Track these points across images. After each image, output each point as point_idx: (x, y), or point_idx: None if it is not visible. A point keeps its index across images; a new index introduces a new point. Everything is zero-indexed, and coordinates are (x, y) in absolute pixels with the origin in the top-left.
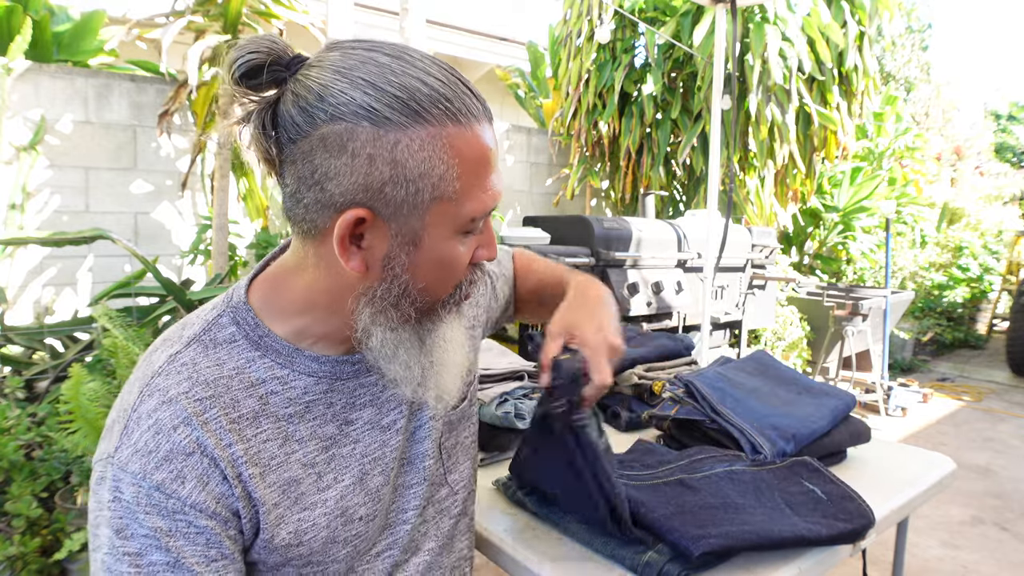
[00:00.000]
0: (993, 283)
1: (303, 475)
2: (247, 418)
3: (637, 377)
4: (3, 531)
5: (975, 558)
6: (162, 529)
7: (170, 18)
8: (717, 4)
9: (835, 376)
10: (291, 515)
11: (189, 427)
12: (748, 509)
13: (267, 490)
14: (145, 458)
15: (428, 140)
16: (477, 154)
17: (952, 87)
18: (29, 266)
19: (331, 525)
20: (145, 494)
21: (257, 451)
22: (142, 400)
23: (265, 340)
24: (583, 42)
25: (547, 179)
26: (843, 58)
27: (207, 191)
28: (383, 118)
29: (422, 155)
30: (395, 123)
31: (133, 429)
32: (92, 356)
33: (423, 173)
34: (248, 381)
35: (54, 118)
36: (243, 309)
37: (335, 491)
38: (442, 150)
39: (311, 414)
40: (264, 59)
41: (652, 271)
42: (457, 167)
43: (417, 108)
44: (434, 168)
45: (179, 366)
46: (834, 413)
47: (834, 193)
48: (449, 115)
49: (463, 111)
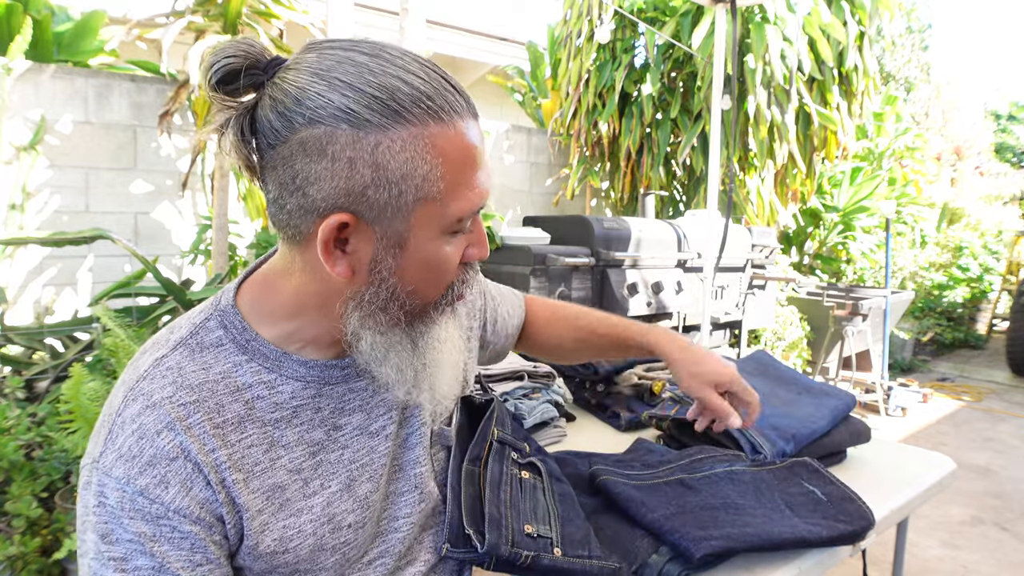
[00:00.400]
0: (993, 283)
1: (288, 481)
2: (231, 423)
3: (637, 377)
4: (3, 531)
5: (975, 558)
6: (146, 534)
7: (170, 18)
8: (717, 4)
9: (835, 376)
10: (276, 522)
11: (172, 432)
12: (748, 510)
13: (251, 496)
14: (129, 463)
15: (409, 140)
16: (461, 152)
17: (952, 87)
18: (29, 266)
19: (318, 532)
20: (129, 499)
21: (241, 456)
22: (126, 404)
23: (252, 344)
24: (583, 42)
25: (547, 179)
26: (843, 58)
27: (207, 191)
28: (362, 120)
29: (404, 156)
30: (375, 124)
31: (117, 434)
32: (92, 356)
33: (406, 174)
34: (234, 385)
35: (54, 118)
36: (231, 313)
37: (321, 497)
38: (424, 150)
39: (298, 419)
40: (241, 63)
41: (652, 271)
42: (441, 166)
43: (397, 108)
44: (417, 169)
45: (164, 370)
46: (834, 413)
47: (834, 193)
48: (431, 113)
49: (445, 108)
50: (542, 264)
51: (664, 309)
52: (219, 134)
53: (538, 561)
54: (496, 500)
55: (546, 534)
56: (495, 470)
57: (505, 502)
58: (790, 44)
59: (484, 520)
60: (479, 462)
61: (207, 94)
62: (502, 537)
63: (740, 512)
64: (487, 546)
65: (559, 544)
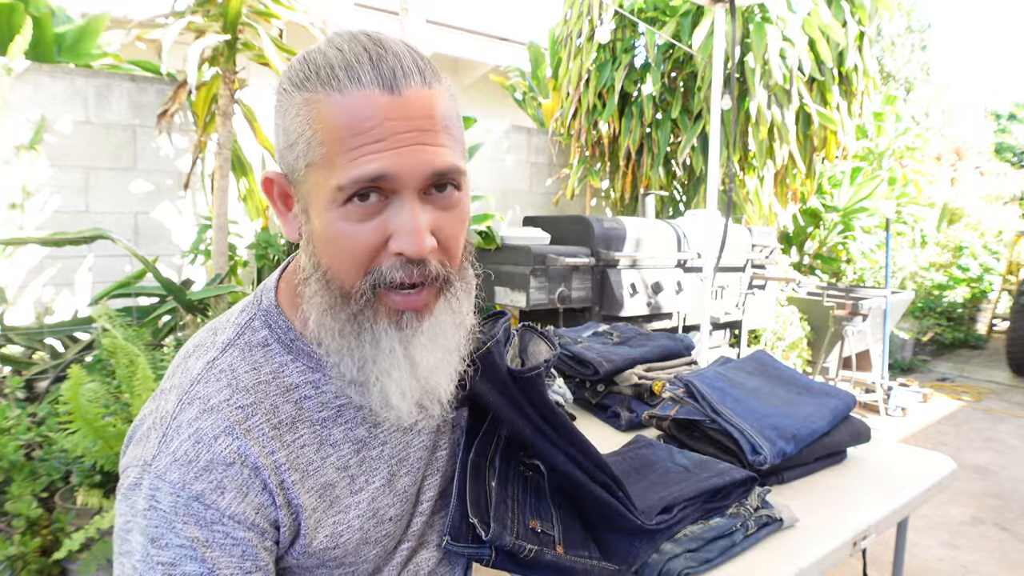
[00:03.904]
0: (993, 283)
1: (337, 479)
2: (286, 424)
3: (637, 377)
4: (3, 531)
5: (975, 558)
6: (199, 540)
7: (170, 18)
8: (716, 3)
9: (835, 376)
10: (327, 519)
11: (231, 436)
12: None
13: (307, 496)
14: (184, 468)
15: (303, 105)
16: (344, 119)
17: (952, 87)
18: (29, 266)
19: (364, 527)
20: (183, 504)
21: (296, 457)
22: (182, 408)
23: (296, 344)
24: (583, 42)
25: (547, 179)
26: (843, 58)
27: (207, 191)
28: (283, 89)
29: (297, 120)
30: (286, 91)
31: (172, 437)
32: (92, 356)
33: (295, 140)
34: (284, 386)
35: (54, 118)
36: (274, 312)
37: (367, 493)
38: (309, 115)
39: (343, 417)
40: None
41: (652, 271)
42: (321, 132)
43: (304, 76)
44: (303, 132)
45: (218, 372)
46: (834, 413)
47: (834, 193)
48: (325, 82)
49: (341, 78)
50: (542, 264)
51: (664, 309)
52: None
53: (540, 556)
54: (503, 493)
55: (549, 531)
56: (501, 466)
57: (512, 496)
58: (790, 44)
59: (490, 510)
60: (485, 457)
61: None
62: (507, 528)
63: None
64: (491, 535)
65: (561, 542)
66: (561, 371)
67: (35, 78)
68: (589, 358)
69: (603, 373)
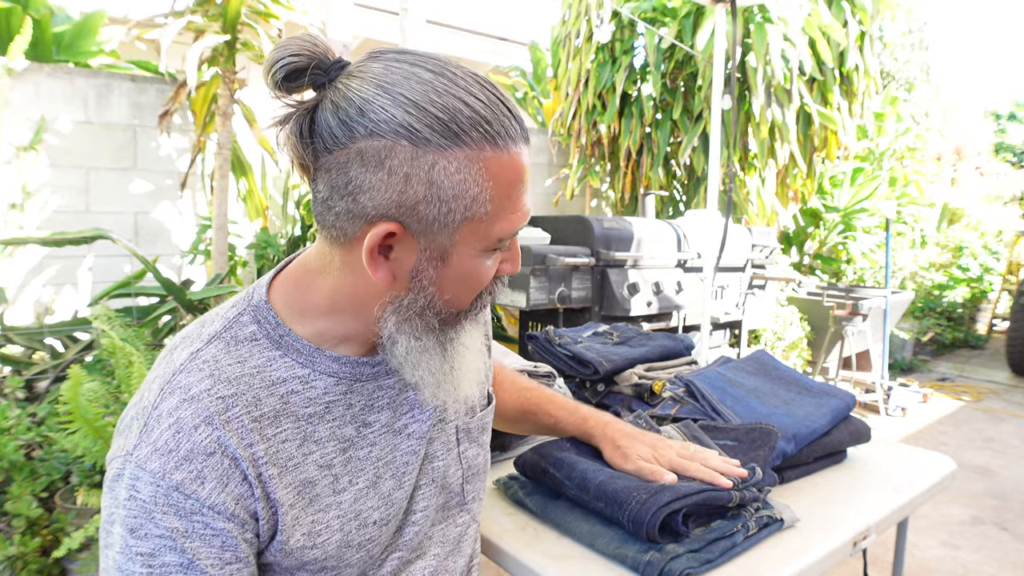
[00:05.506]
0: (993, 283)
1: (319, 476)
2: (268, 417)
3: (637, 377)
4: (3, 531)
5: (975, 558)
6: (178, 530)
7: (169, 18)
8: (717, 3)
9: (835, 376)
10: (305, 517)
11: (211, 426)
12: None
13: (284, 491)
14: (164, 457)
15: (465, 163)
16: (511, 177)
17: (952, 87)
18: (29, 266)
19: (345, 528)
20: (163, 494)
21: (276, 451)
22: (163, 398)
23: (286, 339)
24: (582, 42)
25: (547, 179)
26: (844, 58)
27: (207, 191)
28: (423, 139)
29: (458, 177)
30: (434, 144)
31: (153, 427)
32: (92, 356)
33: (457, 194)
34: (269, 380)
35: (54, 118)
36: (264, 308)
37: (350, 494)
38: (477, 173)
39: (331, 415)
40: (306, 63)
41: (652, 271)
42: (490, 189)
43: (457, 131)
44: (468, 190)
45: (200, 363)
46: (834, 413)
47: (834, 193)
48: (487, 138)
49: (501, 134)
50: (542, 264)
51: (664, 309)
52: (279, 128)
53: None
54: None
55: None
56: None
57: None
58: (791, 44)
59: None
60: None
61: (269, 91)
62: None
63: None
64: None
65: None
66: (562, 371)
67: (35, 78)
68: (589, 358)
69: (603, 373)
